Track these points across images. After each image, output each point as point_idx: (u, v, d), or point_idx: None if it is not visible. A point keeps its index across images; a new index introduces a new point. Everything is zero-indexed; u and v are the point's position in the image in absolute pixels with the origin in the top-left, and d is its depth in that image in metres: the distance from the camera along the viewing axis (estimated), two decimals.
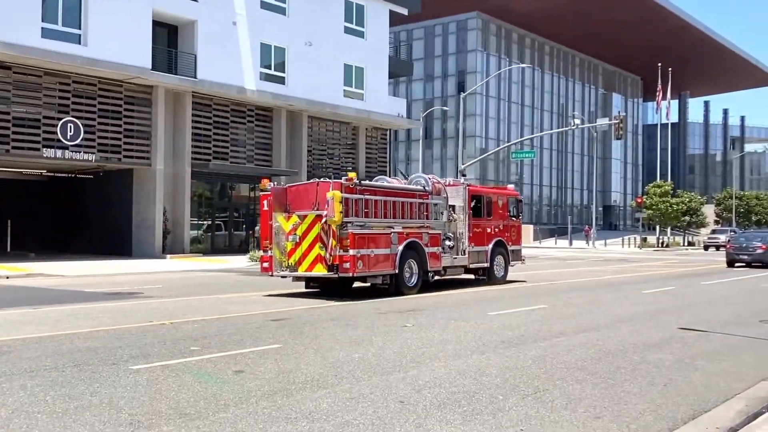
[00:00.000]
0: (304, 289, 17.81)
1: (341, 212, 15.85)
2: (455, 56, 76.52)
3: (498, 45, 77.75)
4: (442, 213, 19.37)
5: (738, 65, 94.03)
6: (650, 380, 8.19)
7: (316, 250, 16.34)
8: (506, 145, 62.71)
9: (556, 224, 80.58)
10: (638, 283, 22.33)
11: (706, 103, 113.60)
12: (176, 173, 33.51)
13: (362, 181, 17.19)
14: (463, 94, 43.80)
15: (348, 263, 15.89)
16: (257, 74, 36.43)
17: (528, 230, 60.34)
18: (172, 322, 11.90)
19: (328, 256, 16.03)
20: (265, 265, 17.00)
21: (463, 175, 40.31)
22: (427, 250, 18.03)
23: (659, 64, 74.99)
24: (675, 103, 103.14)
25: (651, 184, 63.56)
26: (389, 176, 32.59)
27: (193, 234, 34.50)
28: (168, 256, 31.35)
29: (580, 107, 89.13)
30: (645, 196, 62.50)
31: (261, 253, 17.49)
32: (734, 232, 60.57)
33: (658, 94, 77.88)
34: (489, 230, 21.10)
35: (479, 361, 9.06)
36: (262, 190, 17.44)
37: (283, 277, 17.18)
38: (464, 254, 19.97)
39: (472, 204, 20.30)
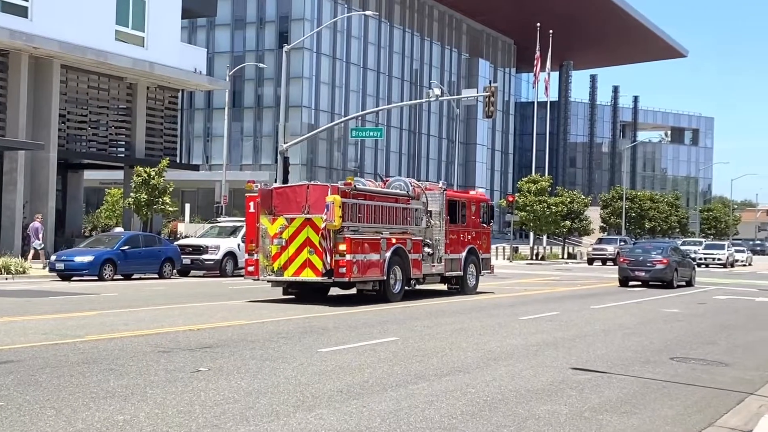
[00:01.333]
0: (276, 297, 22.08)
1: (340, 217, 20.25)
2: None
3: None
4: (421, 219, 24.10)
5: (633, 31, 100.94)
6: None
7: (305, 254, 20.71)
8: (343, 119, 62.87)
9: None
10: (513, 306, 22.82)
11: (593, 78, 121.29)
12: None
13: (356, 186, 21.72)
14: (286, 47, 43.10)
15: (344, 268, 20.47)
16: None
17: None
18: None
19: (327, 260, 20.41)
20: (251, 269, 21.49)
21: (285, 158, 39.70)
22: (410, 256, 22.93)
23: (538, 25, 78.67)
24: (555, 76, 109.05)
25: (525, 179, 66.37)
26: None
27: None
28: None
29: (439, 75, 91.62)
30: (517, 194, 65.17)
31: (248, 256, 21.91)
32: (624, 242, 64.84)
33: (535, 63, 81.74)
34: (462, 237, 26.15)
35: (305, 423, 8.43)
36: (248, 192, 21.46)
37: (269, 281, 21.85)
38: (440, 262, 24.79)
39: (449, 210, 25.14)
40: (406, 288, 23.39)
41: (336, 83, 78.60)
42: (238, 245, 33.33)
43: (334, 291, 23.66)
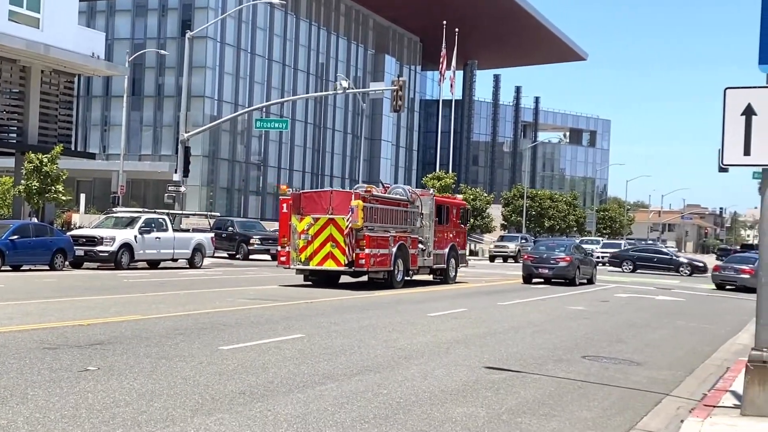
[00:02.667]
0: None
1: (362, 218, 24.90)
2: None
3: None
4: (416, 220, 28.95)
5: (536, 33, 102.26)
6: None
7: (327, 248, 25.07)
8: (247, 110, 61.64)
9: None
10: (421, 302, 22.40)
11: (497, 78, 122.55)
12: None
13: (372, 193, 26.55)
14: (189, 34, 41.82)
15: (363, 260, 25.15)
16: None
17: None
18: None
19: (348, 253, 24.89)
20: (283, 259, 26.04)
21: (187, 148, 38.51)
22: (410, 251, 27.73)
23: (444, 23, 78.88)
24: (460, 74, 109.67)
25: (429, 176, 66.46)
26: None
27: None
28: None
29: (345, 69, 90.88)
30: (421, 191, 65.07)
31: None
32: (525, 239, 65.61)
33: (441, 61, 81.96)
34: (446, 236, 30.98)
35: (204, 429, 7.67)
36: (282, 195, 26.53)
37: (297, 270, 26.37)
38: (430, 256, 29.41)
39: (437, 212, 29.95)
40: (406, 278, 27.95)
41: (240, 74, 77.05)
42: (135, 237, 32.05)
43: (344, 279, 27.66)
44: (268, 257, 44.29)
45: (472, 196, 66.77)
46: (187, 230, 36.80)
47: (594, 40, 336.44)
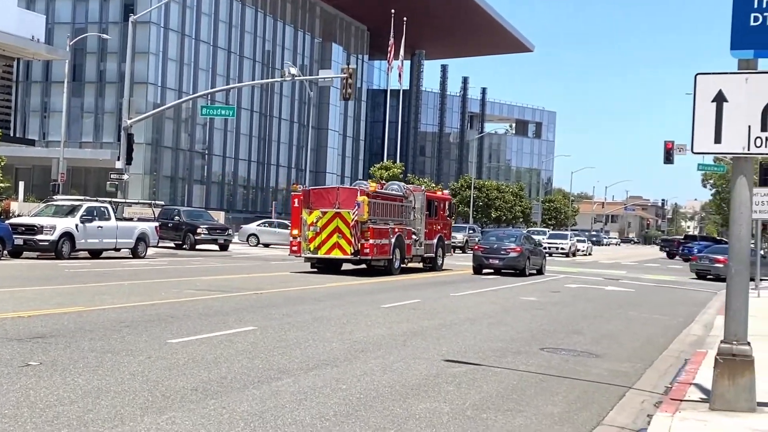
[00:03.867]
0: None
1: (368, 212, 27.75)
2: None
3: None
4: (410, 213, 32.15)
5: (484, 24, 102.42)
6: None
7: (334, 238, 27.96)
8: (191, 97, 60.62)
9: (254, 212, 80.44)
10: (373, 293, 22.08)
11: (444, 68, 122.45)
12: None
13: (376, 190, 29.60)
14: (132, 18, 40.84)
15: (368, 249, 28.12)
16: None
17: (219, 218, 59.00)
18: None
19: (354, 243, 27.78)
20: (294, 248, 29.01)
21: (130, 135, 37.63)
22: (405, 242, 30.89)
23: (392, 11, 78.57)
24: (407, 64, 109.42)
25: (377, 166, 66.16)
26: None
27: None
28: None
29: (292, 57, 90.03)
30: (370, 180, 64.77)
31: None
32: (473, 230, 65.69)
33: (389, 50, 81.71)
34: (435, 227, 34.31)
35: (155, 429, 7.24)
36: (293, 191, 29.65)
37: (306, 258, 29.29)
38: (421, 246, 32.63)
39: (427, 207, 33.39)
40: (402, 266, 31.23)
41: (184, 60, 75.78)
42: (76, 225, 31.16)
43: (346, 266, 30.41)
44: (216, 247, 43.58)
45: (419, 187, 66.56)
46: (130, 219, 35.94)
47: (541, 31, 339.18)
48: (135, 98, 49.49)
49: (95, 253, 33.06)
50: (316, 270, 29.42)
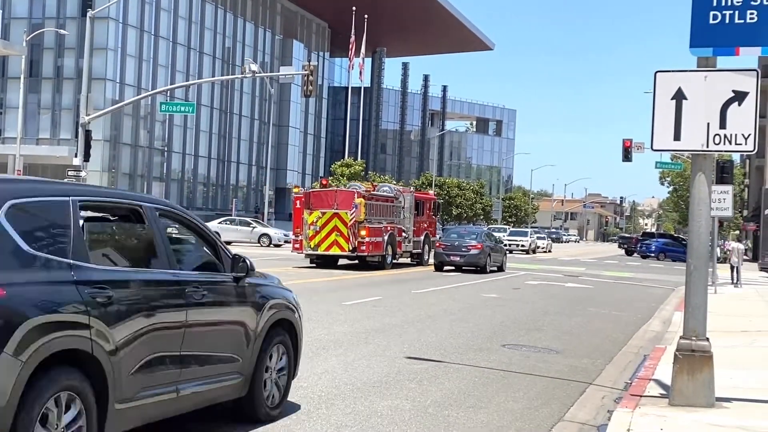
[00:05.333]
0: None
1: (364, 213, 30.49)
2: None
3: None
4: (400, 212, 34.77)
5: (444, 22, 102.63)
6: None
7: (333, 237, 30.44)
8: (150, 93, 60.07)
9: (215, 209, 79.92)
10: (335, 290, 22.01)
11: (405, 66, 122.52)
12: None
13: (371, 192, 32.54)
14: (90, 13, 40.28)
15: (364, 246, 30.57)
16: None
17: None
18: None
19: (351, 241, 30.28)
20: (296, 246, 31.80)
21: (87, 131, 37.12)
22: (396, 239, 33.59)
23: (353, 8, 78.47)
24: (368, 62, 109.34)
25: (339, 163, 66.06)
26: None
27: None
28: None
29: (252, 54, 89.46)
30: (331, 178, 64.66)
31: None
32: None
33: (350, 47, 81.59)
34: (422, 225, 37.15)
35: None
36: (295, 193, 32.68)
37: (307, 255, 31.55)
38: (410, 243, 35.52)
39: (415, 206, 36.35)
40: (394, 261, 33.85)
41: (143, 56, 75.05)
42: None
43: (342, 262, 32.59)
44: None
45: (381, 183, 66.57)
46: None
47: (501, 29, 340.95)
48: (93, 94, 48.66)
49: None
50: (314, 265, 31.72)
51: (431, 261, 36.33)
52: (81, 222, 5.97)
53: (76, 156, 39.96)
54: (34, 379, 5.09)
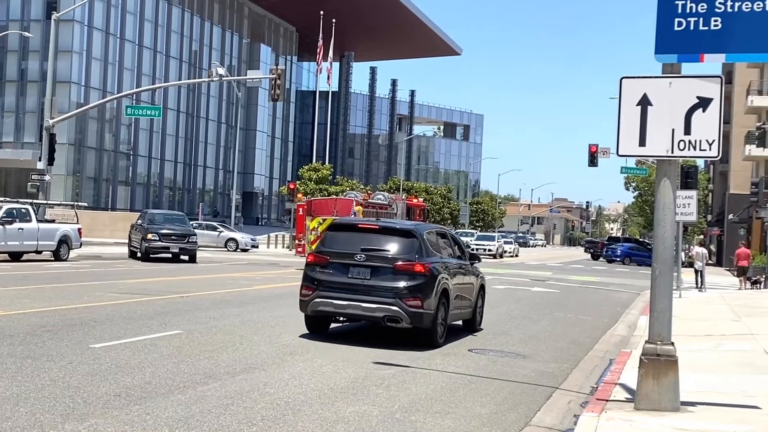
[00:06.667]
0: None
1: None
2: None
3: None
4: (393, 218, 35.47)
5: (412, 27, 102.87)
6: None
7: None
8: (116, 96, 59.60)
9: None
10: (295, 296, 21.79)
11: (373, 70, 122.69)
12: None
13: (368, 200, 36.13)
14: (54, 16, 39.90)
15: None
16: None
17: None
18: None
19: None
20: (300, 250, 34.23)
21: (52, 135, 36.77)
22: None
23: (321, 13, 78.38)
24: (336, 66, 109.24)
25: (306, 167, 65.96)
26: None
27: None
28: None
29: (219, 58, 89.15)
30: (299, 182, 64.55)
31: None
32: None
33: (318, 51, 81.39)
34: None
35: None
36: (298, 202, 37.75)
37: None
38: None
39: (407, 213, 39.21)
40: None
41: (109, 59, 74.47)
42: None
43: None
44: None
45: (349, 188, 66.48)
46: (52, 221, 35.07)
47: (469, 35, 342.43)
48: (57, 98, 48.25)
49: (15, 256, 32.16)
50: None
51: None
52: (436, 239, 14.75)
53: (40, 160, 39.57)
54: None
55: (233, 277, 27.89)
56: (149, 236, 35.34)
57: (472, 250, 62.94)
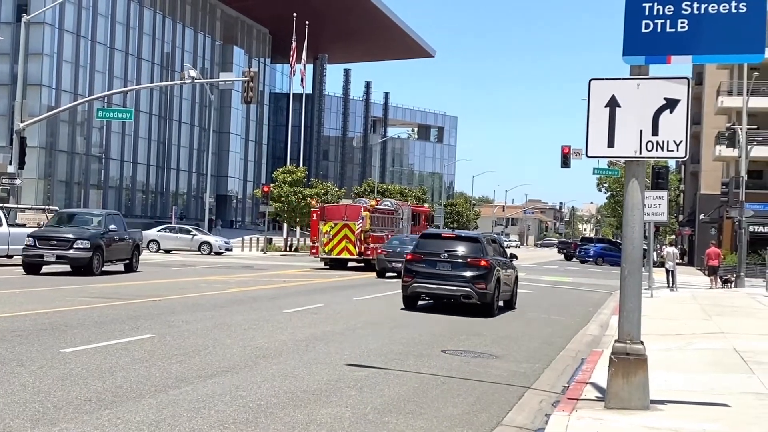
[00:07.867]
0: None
1: (370, 224, 37.24)
2: None
3: None
4: (399, 223, 41.03)
5: (385, 29, 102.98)
6: None
7: (343, 243, 37.01)
8: (87, 99, 59.14)
9: (154, 217, 78.92)
10: (275, 298, 21.84)
11: (347, 72, 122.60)
12: None
13: (375, 206, 40.22)
14: (25, 18, 39.57)
15: (369, 252, 36.76)
16: None
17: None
18: None
19: (358, 247, 36.81)
20: (314, 251, 39.00)
21: (23, 138, 36.45)
22: None
23: (294, 15, 78.11)
24: (310, 68, 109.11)
25: (280, 170, 65.65)
26: None
27: None
28: None
29: (192, 60, 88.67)
30: (272, 185, 64.30)
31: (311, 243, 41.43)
32: None
33: (291, 54, 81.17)
34: (417, 234, 41.64)
35: None
36: (312, 207, 42.87)
37: (322, 258, 38.50)
38: None
39: (412, 218, 43.67)
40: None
41: (80, 62, 73.86)
42: None
43: (351, 264, 38.70)
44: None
45: (323, 191, 66.32)
46: (23, 225, 34.74)
47: (443, 37, 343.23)
48: (28, 101, 47.76)
49: None
50: (328, 267, 38.17)
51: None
52: (491, 243, 21.47)
53: (10, 163, 39.21)
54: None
55: (207, 280, 27.76)
56: (27, 241, 28.15)
57: None
